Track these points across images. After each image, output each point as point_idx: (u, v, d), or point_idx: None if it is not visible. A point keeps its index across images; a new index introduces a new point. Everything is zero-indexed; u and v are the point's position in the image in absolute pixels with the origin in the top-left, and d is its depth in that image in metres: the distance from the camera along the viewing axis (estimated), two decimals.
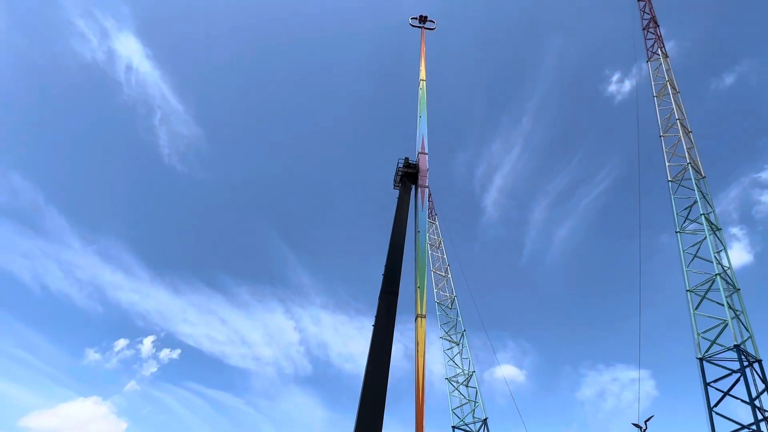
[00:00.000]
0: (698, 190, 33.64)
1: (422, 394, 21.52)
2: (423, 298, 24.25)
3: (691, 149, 36.35)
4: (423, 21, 40.36)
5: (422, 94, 34.44)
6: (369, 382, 19.30)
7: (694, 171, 34.79)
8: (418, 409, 21.23)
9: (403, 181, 29.29)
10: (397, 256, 24.33)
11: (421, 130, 31.67)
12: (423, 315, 23.70)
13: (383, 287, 22.78)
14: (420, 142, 30.97)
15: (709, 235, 31.39)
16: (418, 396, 21.52)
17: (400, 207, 27.41)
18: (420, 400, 21.46)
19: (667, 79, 40.21)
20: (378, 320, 21.55)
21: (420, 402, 21.43)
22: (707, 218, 32.36)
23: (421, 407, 21.34)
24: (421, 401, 21.45)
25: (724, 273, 30.27)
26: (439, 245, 51.04)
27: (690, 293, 30.90)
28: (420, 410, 21.22)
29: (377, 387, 19.25)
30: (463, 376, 43.95)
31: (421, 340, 22.83)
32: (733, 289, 30.14)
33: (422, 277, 25.13)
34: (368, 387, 19.12)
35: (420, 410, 21.22)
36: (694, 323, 29.81)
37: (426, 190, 29.18)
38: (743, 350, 27.17)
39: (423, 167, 29.48)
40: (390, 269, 23.55)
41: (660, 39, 43.44)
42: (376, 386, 19.27)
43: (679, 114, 38.14)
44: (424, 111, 33.02)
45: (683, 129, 37.29)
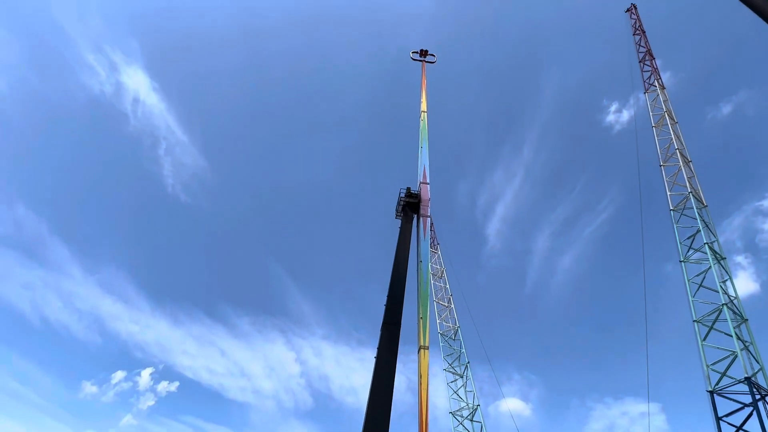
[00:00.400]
0: (701, 219, 33.58)
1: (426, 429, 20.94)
2: (426, 329, 23.92)
3: (691, 178, 36.51)
4: (424, 55, 41.41)
5: (423, 125, 34.98)
6: (371, 416, 18.84)
7: (696, 200, 34.82)
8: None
9: (405, 210, 29.38)
10: (399, 286, 24.16)
11: (423, 161, 31.98)
12: (426, 346, 23.31)
13: (385, 318, 22.53)
14: (421, 172, 31.22)
15: (713, 265, 31.13)
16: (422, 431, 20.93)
17: (402, 237, 27.40)
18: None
19: (665, 110, 40.79)
20: (380, 352, 21.21)
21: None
22: (711, 247, 32.18)
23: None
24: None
25: (730, 303, 29.85)
26: (441, 275, 50.72)
27: (697, 324, 30.40)
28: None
29: (380, 421, 18.78)
30: (468, 410, 42.84)
31: (424, 373, 22.38)
32: (741, 319, 29.67)
33: (425, 307, 24.86)
34: (370, 421, 18.66)
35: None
36: (703, 355, 29.20)
37: (428, 220, 29.22)
38: (755, 383, 26.50)
39: (425, 197, 29.62)
40: (392, 300, 23.34)
41: (656, 71, 44.33)
42: (378, 420, 18.80)
43: (678, 144, 38.50)
44: (425, 141, 33.45)
45: (683, 158, 37.56)
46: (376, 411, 19.01)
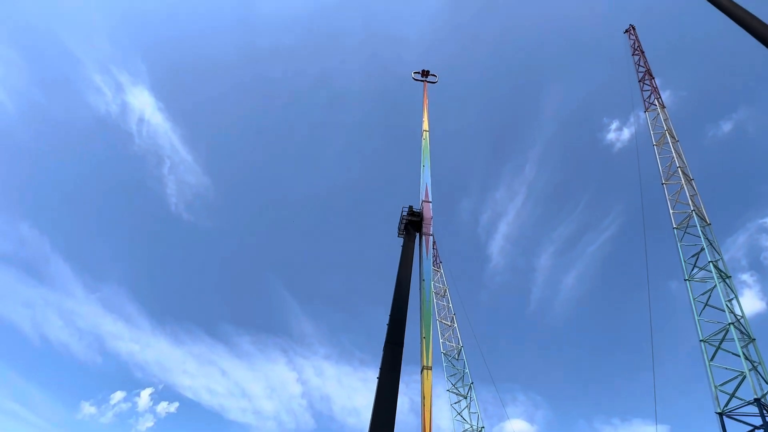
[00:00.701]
0: (704, 238, 33.42)
1: None
2: (429, 349, 23.66)
3: (694, 196, 36.47)
4: (425, 75, 41.98)
5: (425, 144, 35.23)
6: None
7: (699, 218, 34.71)
8: None
9: (408, 229, 29.37)
10: (401, 305, 23.98)
11: (425, 179, 32.12)
12: (429, 367, 23.03)
13: (388, 338, 22.30)
14: (423, 191, 31.32)
15: (718, 283, 30.86)
16: None
17: (405, 255, 27.33)
18: None
19: (665, 129, 41.00)
20: (383, 372, 20.94)
21: None
22: (715, 266, 31.95)
23: None
24: None
25: (737, 322, 29.49)
26: (444, 293, 50.40)
27: (704, 343, 29.99)
28: None
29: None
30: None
31: (427, 394, 22.06)
32: (749, 339, 29.27)
33: (428, 326, 24.63)
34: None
35: None
36: (711, 376, 28.73)
37: (430, 238, 29.19)
38: (765, 404, 25.99)
39: (427, 215, 29.65)
40: (395, 319, 23.15)
41: (656, 90, 44.72)
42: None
43: (679, 162, 38.57)
44: (427, 160, 33.63)
45: (685, 177, 37.58)
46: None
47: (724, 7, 11.05)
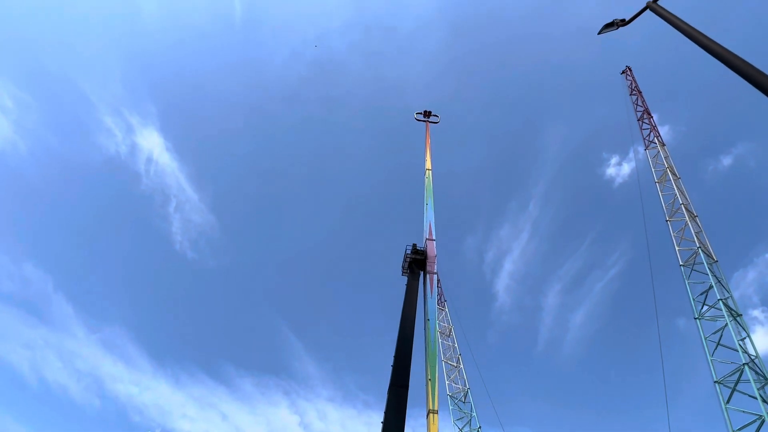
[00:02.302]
0: (712, 275, 33.00)
1: None
2: (435, 392, 23.07)
3: (699, 233, 36.27)
4: (427, 115, 42.92)
5: (428, 182, 35.60)
6: None
7: (705, 255, 34.40)
8: None
9: (412, 267, 29.27)
10: (406, 346, 23.59)
11: (428, 217, 32.25)
12: (435, 410, 22.38)
13: (392, 380, 21.81)
14: (427, 229, 31.38)
15: (729, 322, 30.22)
16: None
17: (409, 294, 27.11)
18: None
19: (666, 166, 41.32)
20: (387, 416, 20.35)
21: None
22: (725, 303, 31.39)
23: None
24: None
25: (751, 362, 28.66)
26: (449, 333, 49.50)
27: (718, 385, 29.06)
28: None
29: None
30: None
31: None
32: (765, 379, 28.36)
33: (433, 368, 24.10)
34: None
35: None
36: (728, 420, 27.67)
37: (434, 277, 29.01)
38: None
39: (431, 254, 29.59)
40: (399, 360, 22.72)
41: (655, 129, 45.39)
42: None
43: (682, 199, 38.63)
44: (430, 199, 33.89)
45: (689, 213, 37.53)
46: None
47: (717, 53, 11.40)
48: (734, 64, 10.48)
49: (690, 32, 13.23)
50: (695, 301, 33.25)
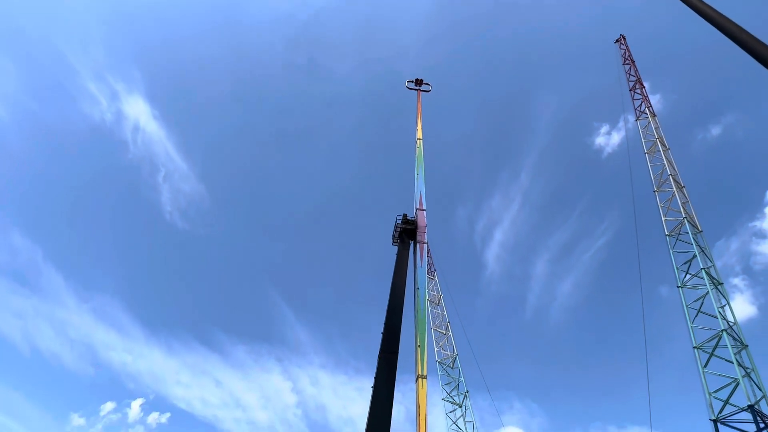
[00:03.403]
0: (696, 245, 33.70)
1: None
2: (424, 358, 23.62)
3: (685, 204, 36.80)
4: (419, 84, 42.26)
5: (419, 152, 35.39)
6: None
7: (691, 225, 35.02)
8: None
9: (402, 237, 29.40)
10: (396, 314, 23.94)
11: (419, 187, 32.23)
12: (424, 375, 22.97)
13: (383, 347, 22.22)
14: (418, 199, 31.41)
15: (711, 290, 31.07)
16: None
17: (399, 263, 27.32)
18: None
19: (656, 137, 41.46)
20: (377, 381, 20.84)
21: None
22: (708, 272, 32.19)
23: None
24: None
25: (730, 329, 29.66)
26: (438, 302, 50.35)
27: (697, 350, 30.13)
28: None
29: None
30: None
31: (422, 403, 21.97)
32: (741, 345, 29.44)
33: (422, 335, 24.60)
34: None
35: None
36: (705, 383, 28.83)
37: (425, 246, 29.23)
38: (758, 411, 26.08)
39: (421, 223, 29.71)
40: (389, 328, 23.08)
41: (647, 99, 45.27)
42: None
43: (671, 170, 38.97)
44: (421, 169, 33.77)
45: (676, 184, 37.95)
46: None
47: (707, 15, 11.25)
48: (728, 30, 10.38)
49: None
50: (679, 270, 34.06)
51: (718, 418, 27.28)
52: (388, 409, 19.94)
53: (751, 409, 25.92)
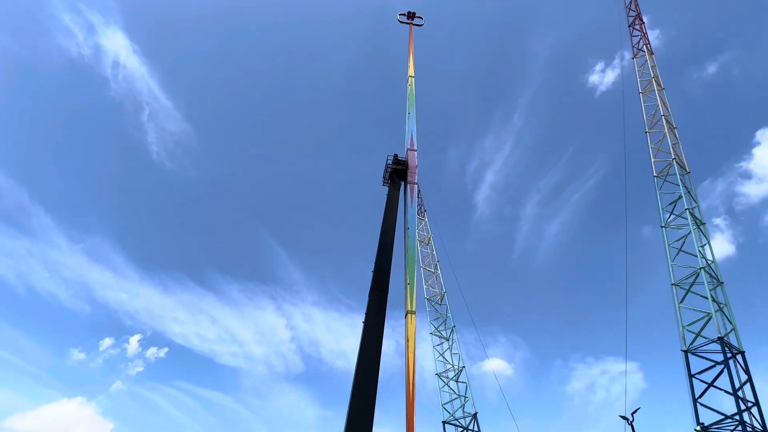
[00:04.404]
0: (683, 186, 34.13)
1: (413, 390, 21.63)
2: (412, 295, 24.37)
3: (676, 145, 36.85)
4: (411, 17, 40.39)
5: (411, 90, 34.48)
6: (359, 379, 19.36)
7: (679, 167, 35.27)
8: (409, 405, 21.34)
9: (392, 177, 29.34)
10: (386, 253, 24.40)
11: (410, 127, 31.73)
12: (413, 311, 23.81)
13: (373, 284, 22.84)
14: (409, 139, 31.03)
15: (693, 230, 31.88)
16: (409, 392, 21.63)
17: (390, 204, 27.47)
18: (410, 395, 21.57)
19: (652, 76, 40.68)
20: (368, 317, 21.60)
21: (410, 398, 21.54)
22: (692, 213, 32.87)
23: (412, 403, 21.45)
24: (411, 397, 21.56)
25: (708, 267, 30.78)
26: (428, 242, 51.23)
27: (675, 287, 31.39)
28: (411, 406, 21.33)
29: (368, 383, 19.31)
30: (453, 372, 44.24)
31: (410, 336, 22.94)
32: (717, 282, 30.69)
33: (411, 273, 25.23)
34: (359, 383, 19.18)
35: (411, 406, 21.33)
36: (680, 316, 30.30)
37: (415, 187, 29.27)
38: (726, 342, 27.68)
39: (412, 164, 29.56)
40: (379, 266, 23.62)
41: (645, 35, 43.90)
42: (366, 382, 19.33)
43: (664, 110, 38.62)
44: (412, 107, 33.07)
45: (668, 125, 37.77)
46: (365, 373, 19.52)
47: None
48: None
49: None
50: (663, 211, 34.71)
51: (689, 349, 28.97)
52: (378, 343, 20.84)
53: (721, 341, 27.49)
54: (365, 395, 18.85)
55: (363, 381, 19.29)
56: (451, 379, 44.02)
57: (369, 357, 20.23)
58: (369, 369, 19.77)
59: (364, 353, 20.33)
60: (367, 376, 19.48)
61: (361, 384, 19.21)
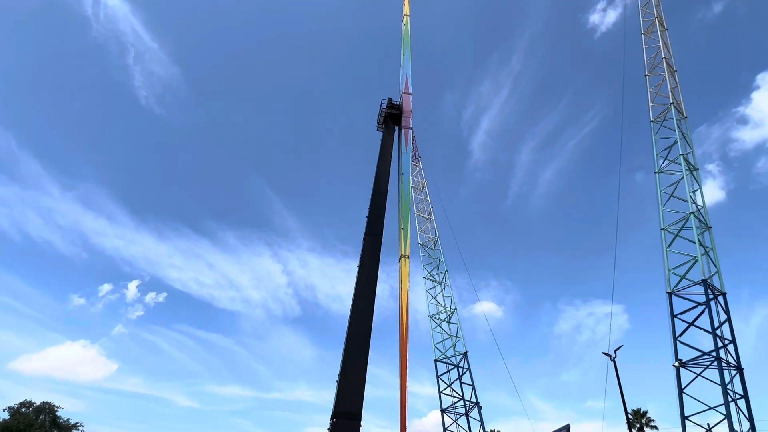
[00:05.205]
0: (679, 131, 33.88)
1: (406, 331, 22.42)
2: (406, 240, 24.68)
3: (675, 89, 36.20)
4: None
5: (406, 30, 33.15)
6: (355, 321, 19.98)
7: (677, 111, 34.85)
8: (402, 345, 22.21)
9: (387, 122, 28.85)
10: (380, 198, 24.43)
11: (405, 70, 30.82)
12: (406, 255, 24.22)
13: (367, 229, 23.05)
14: (404, 82, 30.23)
15: (686, 175, 32.00)
16: (402, 332, 22.43)
17: (384, 149, 27.17)
18: (404, 336, 22.39)
19: (656, 16, 39.25)
20: (363, 260, 21.98)
21: (404, 338, 22.37)
22: (686, 158, 32.86)
23: (405, 343, 22.32)
24: (404, 337, 22.39)
25: (697, 212, 31.21)
26: (422, 188, 51.16)
27: (664, 231, 31.95)
28: (404, 345, 22.21)
29: (363, 325, 19.96)
30: (445, 314, 45.67)
31: (404, 280, 23.48)
32: (705, 227, 31.23)
33: (405, 219, 25.41)
34: (354, 325, 19.81)
35: (404, 345, 22.21)
36: (666, 260, 31.08)
37: (410, 132, 28.87)
38: (710, 284, 28.59)
39: (406, 108, 28.97)
40: (374, 211, 23.72)
41: None
42: (361, 324, 19.97)
43: (665, 52, 37.60)
44: (407, 49, 31.94)
45: (669, 68, 36.91)
46: (360, 315, 20.13)
47: None
48: None
49: None
50: (658, 156, 34.64)
51: (673, 291, 29.95)
52: (372, 286, 21.33)
53: (704, 283, 28.38)
54: (360, 336, 19.54)
55: (358, 322, 19.92)
56: (443, 321, 45.53)
57: (364, 300, 20.78)
58: (364, 311, 20.37)
59: (360, 296, 20.85)
60: (362, 318, 20.10)
61: (357, 325, 19.85)
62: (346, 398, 17.52)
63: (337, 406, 17.27)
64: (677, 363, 28.35)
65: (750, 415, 26.38)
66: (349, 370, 18.34)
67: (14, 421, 59.15)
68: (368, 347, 19.49)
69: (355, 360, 18.84)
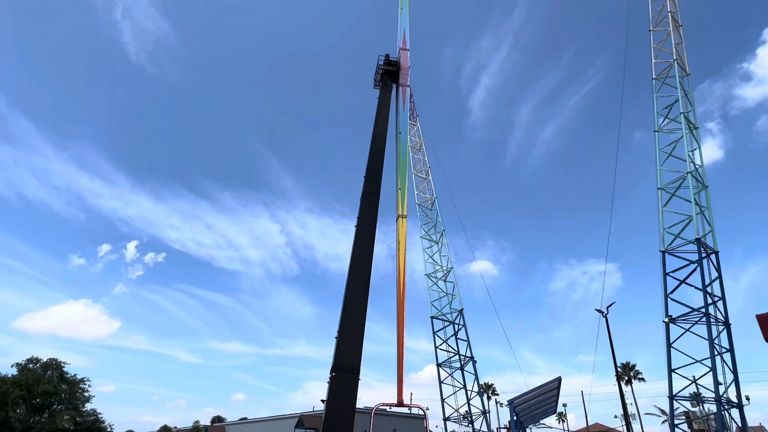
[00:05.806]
0: (681, 88, 33.34)
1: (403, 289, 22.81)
2: (404, 199, 24.69)
3: (679, 45, 35.33)
4: None
5: None
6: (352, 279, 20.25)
7: (680, 68, 34.17)
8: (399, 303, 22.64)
9: (384, 79, 28.22)
10: (377, 157, 24.23)
11: (403, 24, 29.84)
12: (404, 215, 24.30)
13: (365, 189, 22.99)
14: (401, 37, 29.33)
15: (686, 134, 31.76)
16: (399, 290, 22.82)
17: (381, 107, 26.70)
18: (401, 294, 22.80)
19: None
20: (360, 220, 22.04)
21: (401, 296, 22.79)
22: (686, 117, 32.50)
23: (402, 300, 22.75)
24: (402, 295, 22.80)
25: (695, 171, 31.19)
26: (420, 148, 50.71)
27: (661, 191, 32.02)
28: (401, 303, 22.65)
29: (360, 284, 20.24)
30: (442, 272, 46.37)
31: (402, 239, 23.66)
32: (702, 186, 31.29)
33: (403, 178, 25.32)
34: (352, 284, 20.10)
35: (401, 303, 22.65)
36: (662, 219, 31.30)
37: (407, 90, 28.30)
38: (703, 243, 28.96)
39: (404, 65, 28.26)
40: (371, 171, 23.58)
41: None
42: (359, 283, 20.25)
43: (671, 6, 36.45)
44: (405, 1, 30.82)
45: (674, 23, 35.89)
46: (358, 275, 20.38)
47: None
48: None
49: None
50: (658, 115, 34.25)
51: (667, 249, 30.35)
52: (370, 245, 21.50)
53: (698, 242, 28.74)
54: (358, 294, 19.86)
55: (356, 281, 20.20)
56: (439, 279, 46.29)
57: (362, 260, 20.99)
58: (361, 270, 20.61)
59: (357, 256, 21.05)
60: (359, 277, 20.37)
61: (354, 284, 20.13)
62: (345, 353, 18.01)
63: (336, 361, 17.78)
64: (667, 319, 29.13)
65: (734, 367, 27.40)
66: (347, 326, 18.75)
67: (23, 377, 61.03)
68: (366, 305, 19.88)
69: (353, 316, 19.23)
